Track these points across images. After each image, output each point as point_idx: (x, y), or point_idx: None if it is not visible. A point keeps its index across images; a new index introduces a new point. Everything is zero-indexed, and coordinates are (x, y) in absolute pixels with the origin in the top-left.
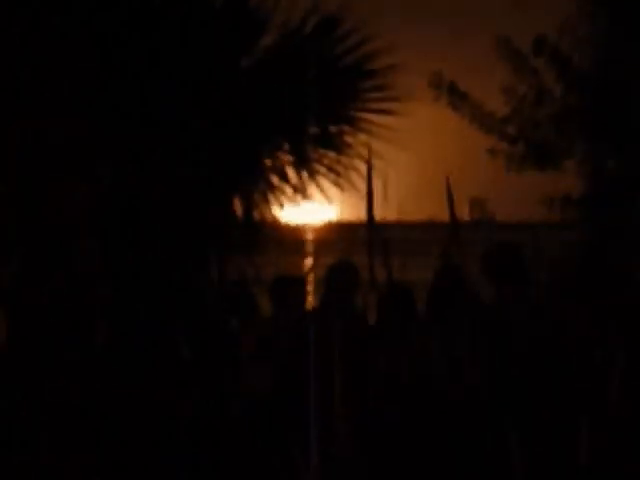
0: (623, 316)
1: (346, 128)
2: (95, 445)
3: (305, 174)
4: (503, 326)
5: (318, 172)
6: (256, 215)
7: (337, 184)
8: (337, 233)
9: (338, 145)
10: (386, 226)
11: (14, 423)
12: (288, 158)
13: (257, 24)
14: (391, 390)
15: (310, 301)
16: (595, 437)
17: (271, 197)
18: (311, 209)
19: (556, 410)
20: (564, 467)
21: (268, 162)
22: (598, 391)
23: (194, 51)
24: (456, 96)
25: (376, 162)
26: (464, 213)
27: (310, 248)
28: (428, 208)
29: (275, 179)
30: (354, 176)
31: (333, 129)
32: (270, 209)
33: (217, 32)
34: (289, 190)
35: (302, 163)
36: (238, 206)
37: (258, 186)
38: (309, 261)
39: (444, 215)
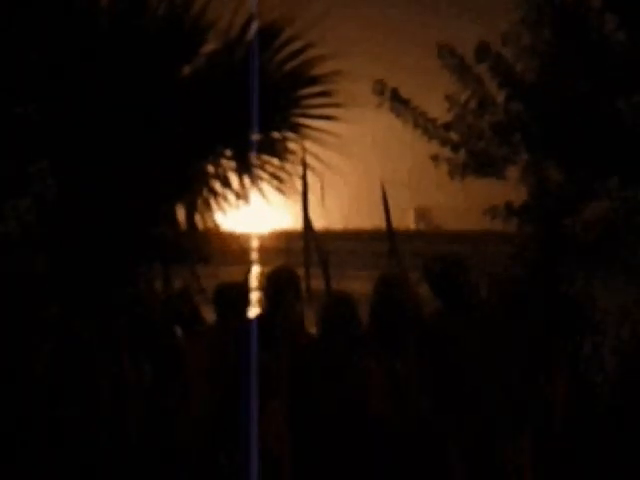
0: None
1: (289, 135)
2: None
3: (248, 181)
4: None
5: (261, 179)
6: (199, 223)
7: (280, 191)
8: (281, 241)
9: (281, 152)
10: (328, 236)
11: None
12: (231, 165)
13: (198, 32)
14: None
15: (253, 309)
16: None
17: (214, 204)
18: (254, 217)
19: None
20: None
21: (211, 169)
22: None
23: (135, 59)
24: (398, 102)
25: (319, 169)
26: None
27: (253, 257)
28: (373, 217)
29: (217, 186)
30: (297, 183)
31: (276, 135)
32: (213, 217)
33: (158, 40)
34: (232, 197)
35: (245, 170)
36: (181, 214)
37: (201, 193)
38: (252, 270)
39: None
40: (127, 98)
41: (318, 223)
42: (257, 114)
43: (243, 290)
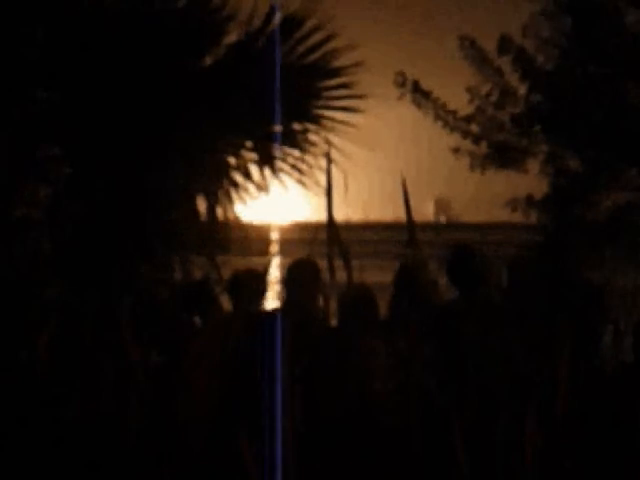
0: (577, 319)
1: (310, 126)
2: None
3: (269, 172)
4: (462, 330)
5: (282, 170)
6: (220, 214)
7: (301, 182)
8: (302, 233)
9: (302, 143)
10: (350, 227)
11: None
12: (252, 156)
13: (220, 23)
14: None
15: (271, 299)
16: (542, 440)
17: (234, 195)
18: (275, 208)
19: (502, 404)
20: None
21: (232, 160)
22: (547, 394)
23: (157, 50)
24: (419, 94)
25: (340, 161)
26: (429, 214)
27: (274, 248)
28: (393, 208)
29: (239, 178)
30: (319, 175)
31: (297, 127)
32: (233, 208)
33: (180, 30)
34: (253, 189)
35: (266, 161)
36: (202, 205)
37: (222, 184)
38: (272, 261)
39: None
40: (148, 88)
41: (339, 214)
42: (278, 106)
43: (258, 278)
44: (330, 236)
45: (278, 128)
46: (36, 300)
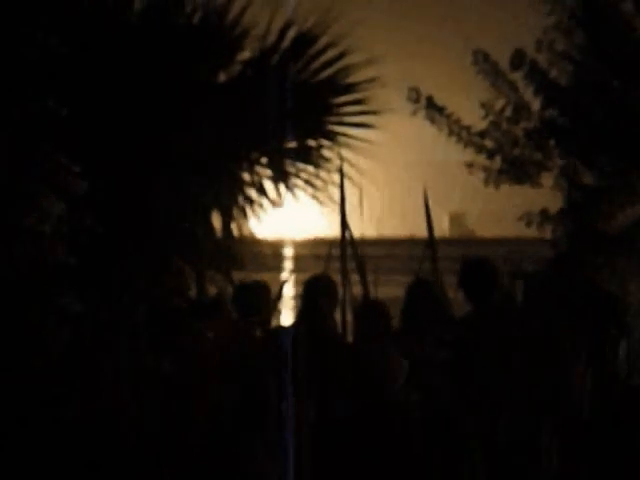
0: (595, 329)
1: (324, 142)
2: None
3: (283, 188)
4: (478, 344)
5: (296, 186)
6: (235, 230)
7: (315, 198)
8: (316, 249)
9: (316, 159)
10: (364, 242)
11: None
12: (266, 172)
13: (235, 39)
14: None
15: (286, 314)
16: (565, 442)
17: (249, 211)
18: (289, 224)
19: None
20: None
21: (246, 176)
22: (568, 394)
23: (172, 65)
24: (433, 110)
25: (354, 176)
26: (444, 228)
27: (289, 263)
28: (407, 224)
29: (253, 193)
30: (333, 190)
31: (311, 143)
32: (248, 224)
33: (195, 46)
34: (268, 205)
35: (280, 177)
36: (217, 221)
37: (236, 200)
38: (287, 277)
39: (422, 230)
40: (163, 104)
41: (353, 230)
42: (292, 122)
43: (264, 289)
44: (344, 251)
45: (292, 144)
46: (51, 309)
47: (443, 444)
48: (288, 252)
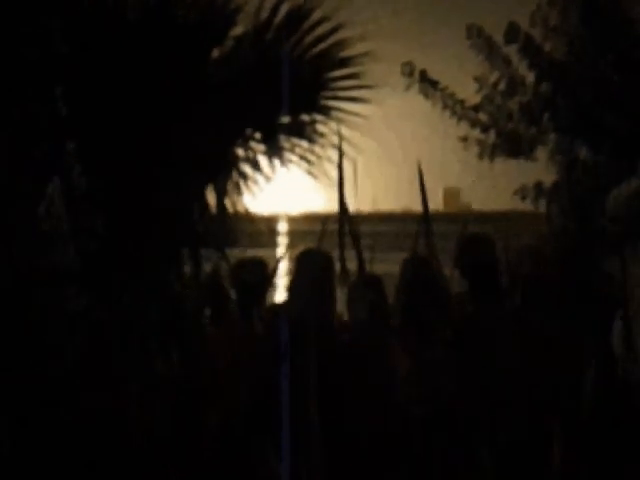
0: (596, 311)
1: (318, 117)
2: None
3: (277, 164)
4: (476, 325)
5: (291, 162)
6: (229, 206)
7: (310, 174)
8: (311, 224)
9: (310, 134)
10: (359, 218)
11: None
12: (260, 148)
13: (227, 14)
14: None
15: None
16: (568, 442)
17: (244, 187)
18: (284, 200)
19: (527, 412)
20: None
21: (240, 152)
22: (571, 393)
23: (163, 42)
24: (427, 84)
25: (349, 151)
26: (438, 204)
27: (284, 239)
28: (402, 199)
29: (247, 169)
30: (327, 165)
31: (305, 118)
32: (243, 200)
33: (187, 23)
34: (262, 180)
35: (274, 153)
36: (211, 198)
37: (230, 176)
38: (281, 253)
39: (417, 205)
40: (156, 82)
41: (351, 206)
42: (286, 97)
43: (263, 268)
44: (342, 227)
45: (286, 119)
46: (63, 311)
47: (445, 443)
48: (282, 228)
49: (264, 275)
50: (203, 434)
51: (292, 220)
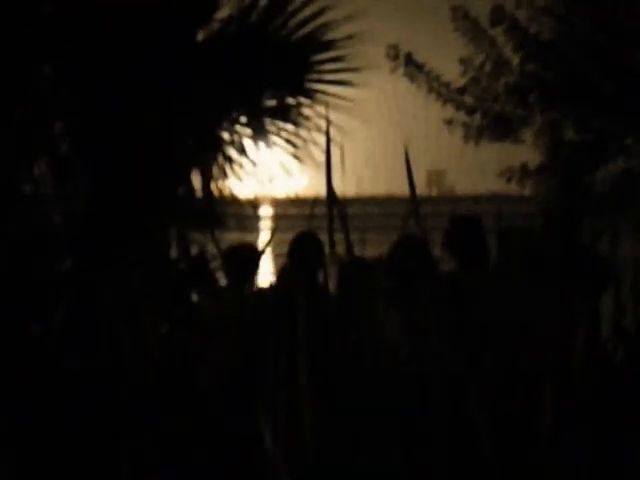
0: (584, 286)
1: (303, 100)
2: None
3: (263, 147)
4: (464, 300)
5: (276, 145)
6: (215, 190)
7: (296, 157)
8: (296, 208)
9: (296, 117)
10: (345, 201)
11: None
12: (246, 131)
13: None
14: (355, 366)
15: (266, 273)
16: (557, 406)
17: (229, 171)
18: (269, 183)
19: (520, 378)
20: (527, 436)
21: (226, 135)
22: (562, 359)
23: (150, 24)
24: (413, 67)
25: (334, 134)
26: (422, 186)
27: (269, 223)
28: (386, 182)
29: (233, 153)
30: (313, 149)
31: (290, 101)
32: (228, 183)
33: (172, 5)
34: (247, 163)
35: (260, 136)
36: (197, 181)
37: (216, 160)
38: (267, 236)
39: (401, 189)
40: (142, 63)
41: (337, 189)
42: (271, 80)
43: (254, 252)
44: (331, 210)
45: (271, 103)
46: (49, 275)
47: (448, 412)
48: (268, 211)
49: (256, 259)
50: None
51: (278, 204)
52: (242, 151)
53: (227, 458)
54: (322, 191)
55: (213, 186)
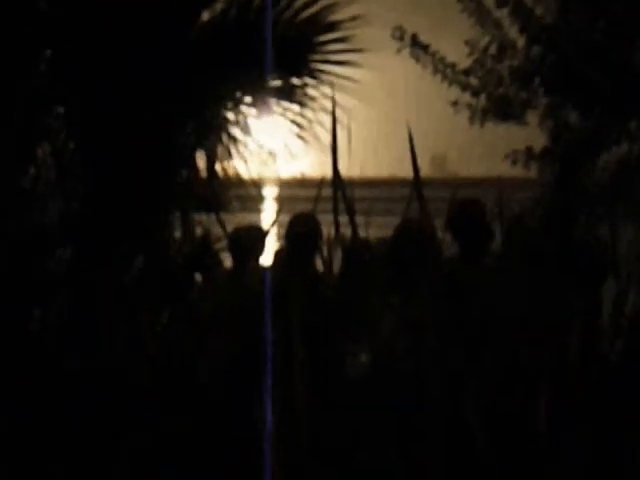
0: (583, 274)
1: (309, 81)
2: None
3: (268, 127)
4: (465, 286)
5: (281, 126)
6: (219, 170)
7: (301, 138)
8: (302, 189)
9: (301, 98)
10: (350, 183)
11: None
12: (251, 112)
13: None
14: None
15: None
16: (553, 403)
17: (234, 151)
18: (274, 164)
19: (516, 375)
20: (522, 434)
21: (230, 115)
22: (558, 355)
23: (151, 4)
24: (418, 48)
25: (339, 115)
26: (425, 169)
27: (273, 204)
28: (390, 164)
29: (238, 133)
30: (318, 129)
31: (296, 82)
32: (233, 164)
33: None
34: (252, 144)
35: (265, 117)
36: (201, 162)
37: (221, 140)
38: (272, 217)
39: (405, 170)
40: (145, 45)
41: (342, 170)
42: (276, 61)
43: (260, 234)
44: (336, 192)
45: (276, 83)
46: (46, 268)
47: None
48: (273, 192)
49: (262, 241)
50: (192, 386)
51: (283, 185)
52: (247, 131)
53: (227, 458)
54: (327, 172)
55: (218, 167)
